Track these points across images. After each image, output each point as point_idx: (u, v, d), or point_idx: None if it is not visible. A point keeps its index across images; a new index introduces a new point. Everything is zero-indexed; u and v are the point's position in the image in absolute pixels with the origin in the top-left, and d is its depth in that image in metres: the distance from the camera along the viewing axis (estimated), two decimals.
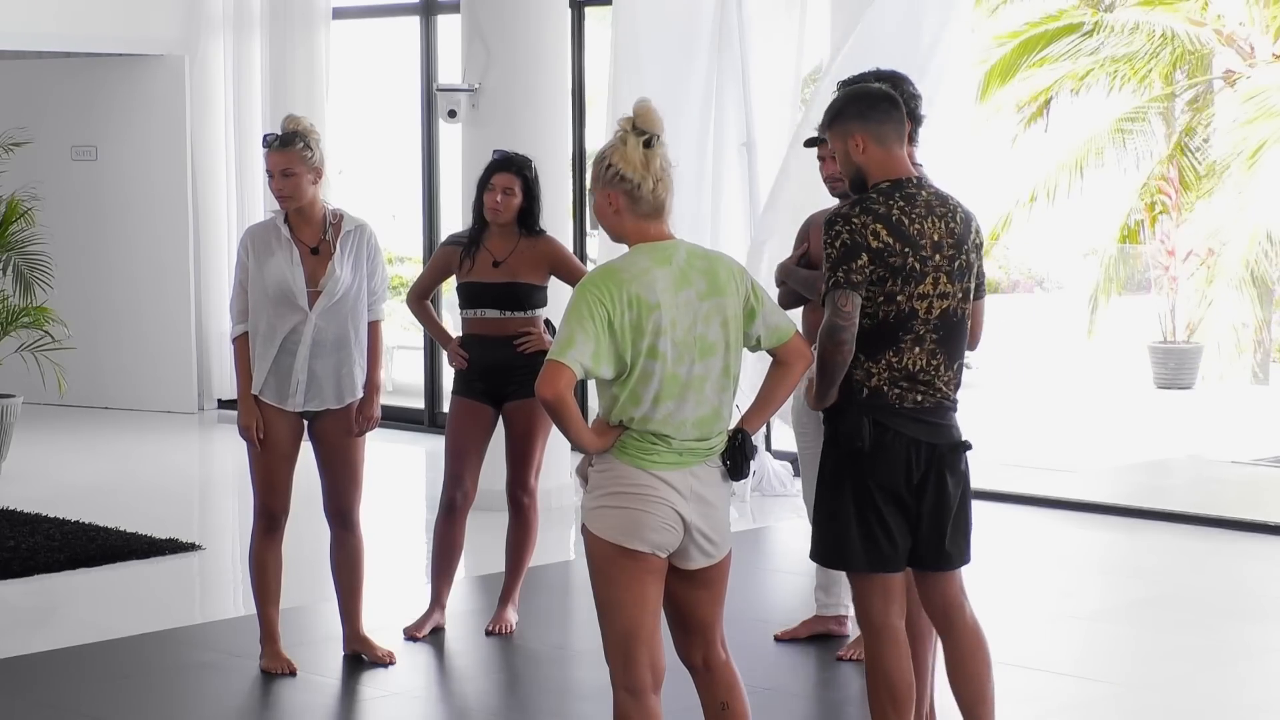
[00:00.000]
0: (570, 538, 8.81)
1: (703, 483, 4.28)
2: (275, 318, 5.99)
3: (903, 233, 4.53)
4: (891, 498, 4.59)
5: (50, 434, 11.55)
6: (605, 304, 4.16)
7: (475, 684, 6.28)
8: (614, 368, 4.18)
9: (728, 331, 4.26)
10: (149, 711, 5.94)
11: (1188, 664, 6.12)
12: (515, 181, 6.52)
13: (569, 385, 4.14)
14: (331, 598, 6.41)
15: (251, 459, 6.12)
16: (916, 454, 4.58)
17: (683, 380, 4.21)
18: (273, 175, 6.03)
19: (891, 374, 4.57)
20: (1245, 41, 17.27)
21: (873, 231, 4.51)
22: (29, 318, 10.63)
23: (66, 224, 12.26)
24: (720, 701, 4.44)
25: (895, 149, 4.62)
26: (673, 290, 4.20)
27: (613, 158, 4.25)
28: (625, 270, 4.21)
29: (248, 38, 12.40)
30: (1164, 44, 16.87)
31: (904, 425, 4.57)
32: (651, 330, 4.17)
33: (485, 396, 6.57)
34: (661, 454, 4.23)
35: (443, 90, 9.33)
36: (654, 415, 4.21)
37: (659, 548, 4.27)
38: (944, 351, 4.61)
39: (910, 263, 4.53)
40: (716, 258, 4.32)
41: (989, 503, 9.36)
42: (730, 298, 4.26)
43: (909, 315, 4.55)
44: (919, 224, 4.55)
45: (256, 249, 6.03)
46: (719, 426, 4.29)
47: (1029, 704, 5.96)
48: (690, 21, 9.86)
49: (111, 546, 8.10)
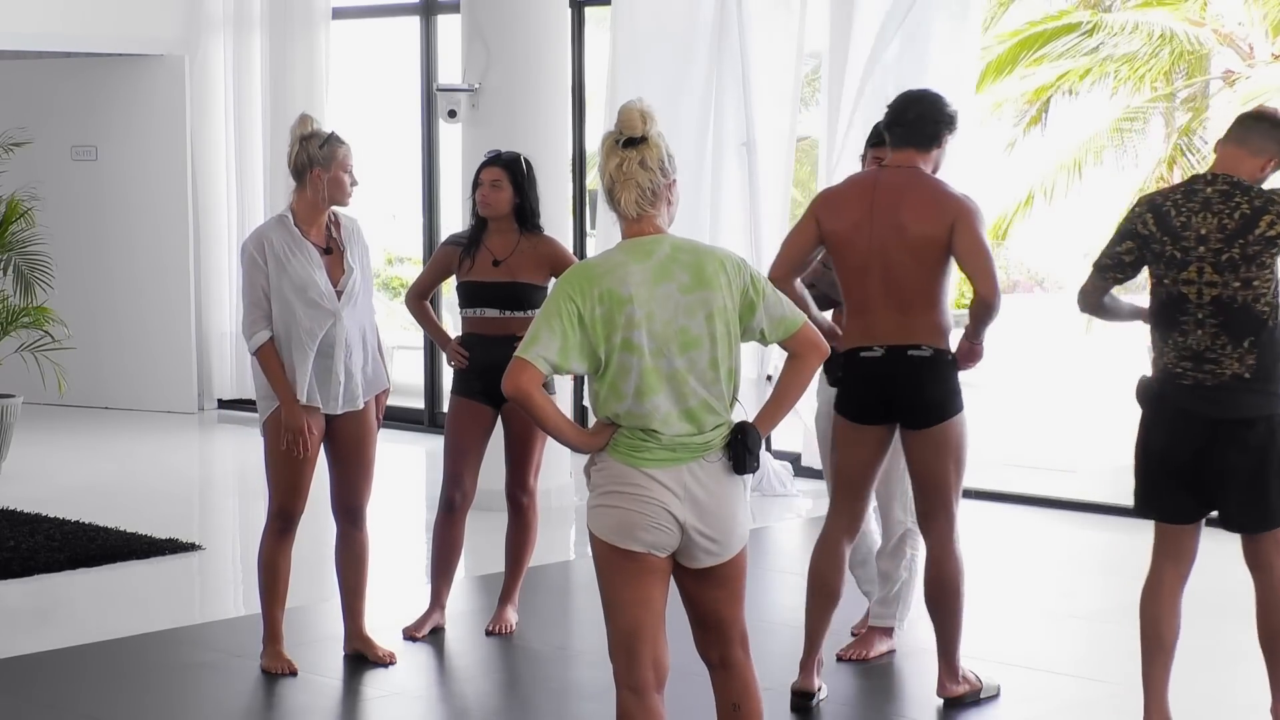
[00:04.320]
0: (570, 538, 8.81)
1: (700, 481, 4.23)
2: (310, 321, 5.94)
3: (1167, 223, 5.08)
4: (1170, 461, 5.14)
5: (50, 434, 11.55)
6: (575, 299, 4.19)
7: (475, 684, 6.29)
8: (588, 363, 4.22)
9: (713, 325, 4.23)
10: (149, 711, 5.94)
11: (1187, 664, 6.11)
12: (502, 175, 6.53)
13: (532, 381, 4.19)
14: (332, 598, 6.42)
15: (274, 461, 6.05)
16: (1196, 427, 5.09)
17: (664, 373, 4.20)
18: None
19: (1178, 353, 5.10)
20: (1244, 42, 17.27)
21: (1143, 220, 5.16)
22: (29, 318, 10.64)
23: (66, 224, 12.27)
24: (733, 703, 4.42)
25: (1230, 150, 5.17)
26: (650, 284, 4.20)
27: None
28: (599, 266, 4.24)
29: (248, 38, 12.40)
30: (1163, 44, 16.86)
31: (1182, 398, 5.08)
32: (624, 324, 4.18)
33: (484, 396, 6.57)
34: (652, 450, 4.22)
35: (443, 90, 9.33)
36: (638, 409, 4.20)
37: (654, 547, 4.25)
38: (1228, 334, 5.05)
39: (1171, 251, 5.07)
40: (707, 252, 4.29)
41: (989, 503, 9.37)
42: (718, 291, 4.23)
43: (1180, 299, 5.08)
44: (1187, 217, 5.07)
45: (277, 253, 5.95)
46: (712, 420, 4.24)
47: (1029, 704, 5.97)
48: (690, 21, 9.87)
49: (111, 546, 8.11)
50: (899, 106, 5.77)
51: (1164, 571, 5.30)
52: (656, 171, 4.25)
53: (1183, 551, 5.28)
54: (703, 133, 9.84)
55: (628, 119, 4.25)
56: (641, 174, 4.23)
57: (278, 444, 6.00)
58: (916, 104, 5.75)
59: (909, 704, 6.08)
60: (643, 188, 4.24)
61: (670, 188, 4.30)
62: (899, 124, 5.72)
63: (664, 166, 4.27)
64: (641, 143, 4.24)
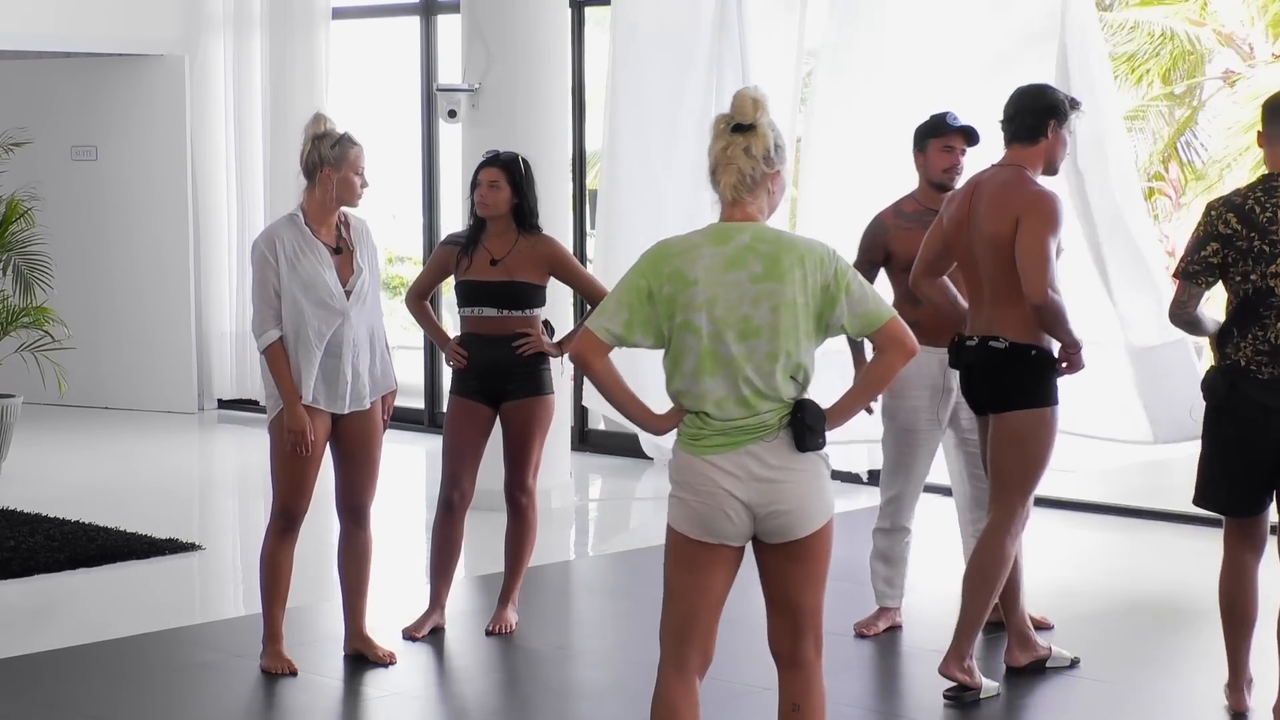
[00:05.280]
0: (569, 538, 8.81)
1: (760, 459, 4.23)
2: (318, 321, 5.94)
3: (1252, 220, 5.25)
4: (1241, 455, 5.32)
5: (50, 434, 11.55)
6: (647, 275, 4.28)
7: (475, 684, 6.29)
8: (653, 338, 4.29)
9: (778, 317, 4.22)
10: (149, 711, 5.94)
11: (1186, 664, 6.12)
12: (500, 175, 6.54)
13: (592, 349, 4.27)
14: (331, 597, 6.42)
15: (279, 460, 6.05)
16: (1275, 420, 5.26)
17: (720, 358, 4.22)
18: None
19: (1255, 348, 5.28)
20: (1244, 42, 17.28)
21: (1224, 220, 5.31)
22: (29, 318, 10.64)
23: (66, 224, 12.26)
24: (794, 703, 4.41)
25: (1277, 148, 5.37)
26: (719, 269, 4.24)
27: None
28: (676, 245, 4.32)
29: (248, 38, 12.40)
30: (1163, 43, 16.87)
31: (1257, 392, 5.27)
32: (686, 305, 4.23)
33: (482, 396, 6.58)
34: (709, 437, 4.24)
35: (443, 90, 9.33)
36: (694, 389, 4.24)
37: (726, 538, 4.27)
38: None
39: (1260, 246, 5.24)
40: (790, 244, 4.29)
41: None
42: (789, 285, 4.23)
43: (1265, 293, 5.25)
44: (1273, 212, 5.26)
45: (288, 251, 5.95)
46: (765, 405, 4.25)
47: (1029, 704, 5.97)
48: (690, 21, 9.86)
49: (111, 546, 8.11)
50: (1006, 103, 5.89)
51: (1242, 558, 5.49)
52: (759, 160, 4.30)
53: (1257, 539, 5.48)
54: (702, 131, 9.82)
55: (740, 105, 4.33)
56: (744, 160, 4.30)
57: (282, 444, 6.01)
58: (1017, 99, 5.86)
59: (909, 704, 6.08)
60: (743, 173, 4.31)
61: (773, 179, 4.34)
62: (1005, 120, 5.86)
63: (769, 156, 4.32)
64: (750, 130, 4.32)
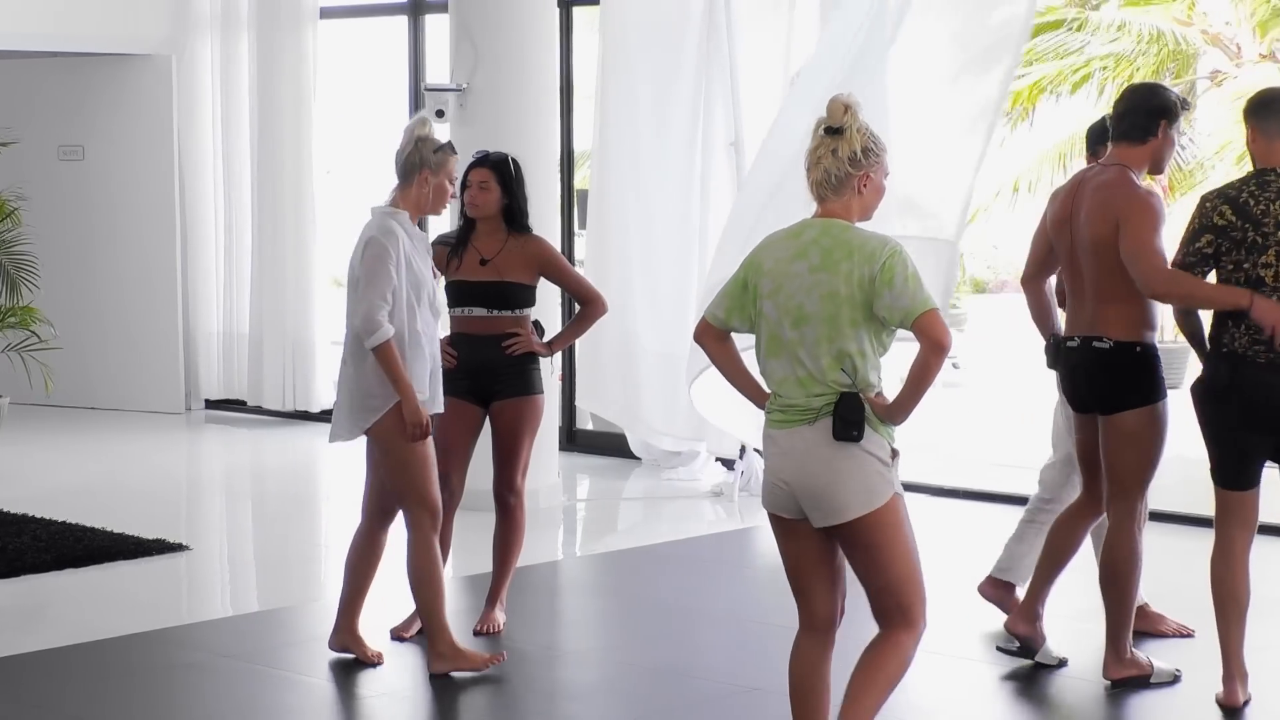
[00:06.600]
0: (558, 538, 8.80)
1: (806, 443, 4.50)
2: (422, 321, 5.97)
3: (1247, 211, 5.41)
4: (1248, 432, 5.49)
5: (37, 434, 11.53)
6: (745, 267, 4.66)
7: (463, 684, 6.27)
8: (745, 323, 4.66)
9: (827, 306, 4.48)
10: (136, 712, 5.93)
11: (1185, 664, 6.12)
12: (489, 175, 6.54)
13: (705, 334, 4.74)
14: (321, 597, 6.39)
15: (411, 459, 5.92)
16: (1277, 396, 5.43)
17: (782, 341, 4.55)
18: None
19: (1251, 336, 5.44)
20: (1232, 42, 17.30)
21: (1219, 212, 5.46)
22: (15, 318, 10.63)
23: (53, 224, 12.24)
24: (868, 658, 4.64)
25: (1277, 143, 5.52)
26: (786, 260, 4.56)
27: None
28: (767, 239, 4.67)
29: (235, 37, 12.38)
30: (1151, 43, 16.88)
31: (1261, 374, 5.43)
32: (759, 293, 4.60)
33: (472, 395, 6.57)
34: (775, 413, 4.59)
35: (431, 90, 9.31)
36: (766, 369, 4.60)
37: (782, 509, 4.58)
38: None
39: (1252, 237, 5.40)
40: (846, 239, 4.52)
41: (986, 503, 9.38)
42: (837, 276, 4.48)
43: (1256, 282, 5.40)
44: (1266, 205, 5.41)
45: (405, 249, 5.93)
46: (818, 389, 4.49)
47: (1029, 704, 5.96)
48: (678, 21, 9.86)
49: (98, 547, 8.08)
50: (1116, 100, 5.96)
51: (1234, 538, 5.62)
52: (845, 162, 4.53)
53: (1249, 517, 5.63)
54: (691, 132, 9.84)
55: (832, 109, 4.56)
56: (830, 161, 4.55)
57: (405, 444, 5.91)
58: (1128, 96, 5.92)
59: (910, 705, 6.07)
60: (828, 173, 4.56)
61: (863, 180, 4.56)
62: (1114, 119, 5.91)
63: (855, 158, 4.54)
64: (839, 133, 4.55)
